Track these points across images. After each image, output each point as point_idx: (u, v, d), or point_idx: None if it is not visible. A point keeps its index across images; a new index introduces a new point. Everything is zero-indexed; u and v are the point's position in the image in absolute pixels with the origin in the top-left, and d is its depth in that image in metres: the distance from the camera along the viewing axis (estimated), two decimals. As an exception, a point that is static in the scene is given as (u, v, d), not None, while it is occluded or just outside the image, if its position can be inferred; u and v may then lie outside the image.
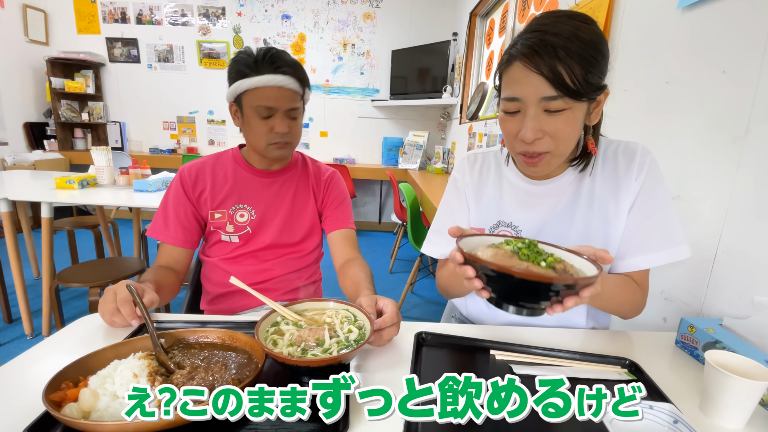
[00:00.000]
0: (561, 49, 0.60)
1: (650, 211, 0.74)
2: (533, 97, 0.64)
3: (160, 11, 4.23)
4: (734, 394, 0.54)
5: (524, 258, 0.55)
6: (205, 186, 1.03)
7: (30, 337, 2.06)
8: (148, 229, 1.04)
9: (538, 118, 0.65)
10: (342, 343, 0.61)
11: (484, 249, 0.59)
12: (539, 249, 0.57)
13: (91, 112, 4.33)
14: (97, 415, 0.48)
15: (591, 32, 0.63)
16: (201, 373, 0.57)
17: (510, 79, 0.67)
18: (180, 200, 1.02)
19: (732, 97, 0.87)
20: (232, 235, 1.04)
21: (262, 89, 0.91)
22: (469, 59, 3.58)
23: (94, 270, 1.80)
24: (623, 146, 0.77)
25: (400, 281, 3.14)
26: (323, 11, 4.27)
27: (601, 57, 0.64)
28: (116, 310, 0.70)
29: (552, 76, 0.61)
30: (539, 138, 0.67)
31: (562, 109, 0.64)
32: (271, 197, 1.06)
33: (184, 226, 1.02)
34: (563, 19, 0.63)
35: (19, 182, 2.29)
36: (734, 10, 0.89)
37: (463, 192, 0.89)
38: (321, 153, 4.60)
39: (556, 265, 0.54)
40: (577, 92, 0.62)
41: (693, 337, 0.74)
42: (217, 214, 1.03)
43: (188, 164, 1.05)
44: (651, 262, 0.74)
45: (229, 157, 1.07)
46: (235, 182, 1.04)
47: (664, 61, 1.09)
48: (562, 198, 0.79)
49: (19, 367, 0.62)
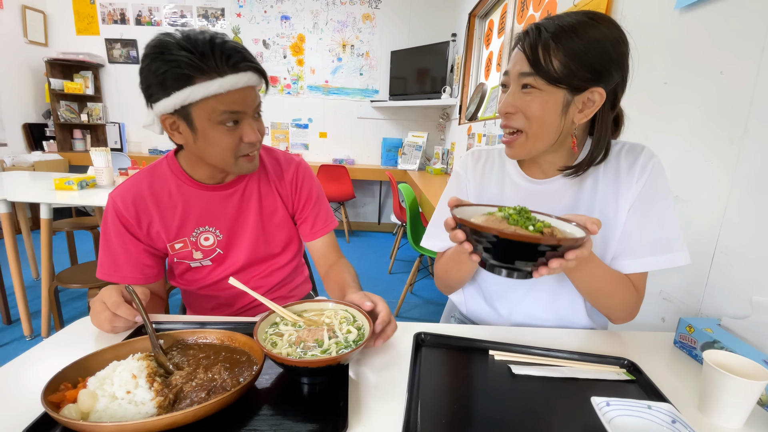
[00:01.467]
0: (549, 34, 0.64)
1: (649, 214, 0.73)
2: (514, 72, 0.70)
3: (160, 12, 4.23)
4: (733, 394, 0.54)
5: (513, 223, 0.57)
6: (151, 218, 0.84)
7: (29, 338, 2.06)
8: (97, 272, 0.85)
9: (514, 94, 0.70)
10: (341, 344, 0.61)
11: (477, 216, 0.62)
12: (529, 215, 0.59)
13: (91, 113, 4.33)
14: (96, 416, 0.48)
15: (596, 30, 0.64)
16: (200, 374, 0.57)
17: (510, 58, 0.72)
18: (124, 239, 0.84)
19: (730, 98, 0.87)
20: (203, 260, 0.91)
21: (225, 94, 0.70)
22: (468, 60, 3.59)
23: (93, 271, 1.79)
24: (627, 147, 0.76)
25: (399, 282, 3.14)
26: (322, 12, 4.27)
27: (596, 54, 0.64)
28: (113, 316, 0.68)
29: (530, 53, 0.66)
30: (511, 113, 0.71)
31: (534, 87, 0.68)
32: (233, 212, 0.90)
33: (137, 263, 0.86)
34: (576, 15, 0.66)
35: (18, 183, 2.29)
36: (732, 10, 0.89)
37: (464, 188, 0.89)
38: (320, 154, 4.60)
39: (544, 230, 0.55)
40: (548, 74, 0.65)
41: (691, 337, 0.74)
42: (178, 245, 0.87)
43: (118, 193, 0.83)
44: (645, 265, 0.73)
45: (165, 172, 0.86)
46: (186, 203, 0.86)
47: (662, 62, 1.09)
48: (563, 198, 0.79)
49: (18, 369, 0.62)
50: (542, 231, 0.55)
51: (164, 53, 0.69)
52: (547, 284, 0.82)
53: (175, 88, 0.69)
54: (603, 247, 0.77)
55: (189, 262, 0.91)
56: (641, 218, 0.74)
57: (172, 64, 0.68)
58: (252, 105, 0.76)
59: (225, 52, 0.70)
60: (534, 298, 0.84)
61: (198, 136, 0.74)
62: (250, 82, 0.73)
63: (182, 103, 0.70)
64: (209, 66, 0.69)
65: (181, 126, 0.75)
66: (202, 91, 0.69)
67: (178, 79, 0.69)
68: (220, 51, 0.69)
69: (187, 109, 0.71)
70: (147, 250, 0.87)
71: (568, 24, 0.64)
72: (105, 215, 0.84)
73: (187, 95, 0.69)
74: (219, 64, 0.69)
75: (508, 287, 0.86)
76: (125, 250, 0.85)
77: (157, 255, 0.90)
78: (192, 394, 0.53)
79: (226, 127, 0.74)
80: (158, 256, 0.90)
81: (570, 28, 0.64)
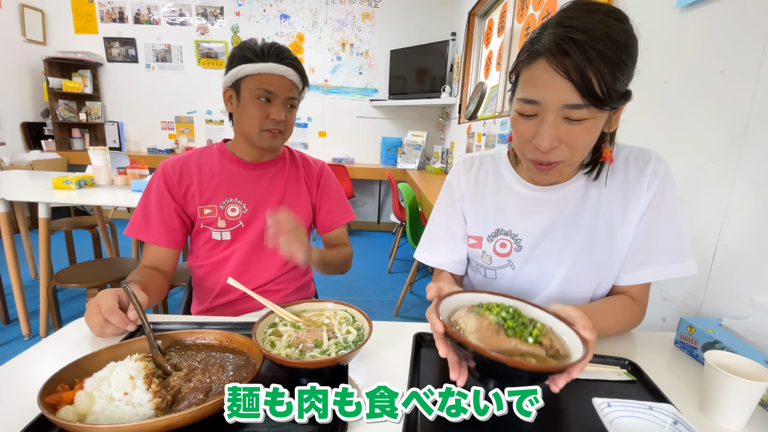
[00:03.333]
0: (592, 50, 0.53)
1: (659, 224, 0.71)
2: (555, 103, 0.58)
3: (158, 11, 4.22)
4: (734, 395, 0.54)
5: (510, 333, 0.53)
6: (191, 181, 0.99)
7: (27, 338, 2.05)
8: (127, 228, 0.97)
9: (557, 125, 0.60)
10: (340, 345, 0.61)
11: (466, 315, 0.57)
12: (525, 321, 0.56)
13: (89, 112, 4.32)
14: (93, 418, 0.48)
15: (624, 32, 0.56)
16: (198, 374, 0.57)
17: (531, 78, 0.60)
18: (163, 198, 0.97)
19: (731, 97, 0.87)
20: (224, 231, 1.01)
21: (265, 75, 0.92)
22: (467, 59, 3.58)
23: (92, 270, 1.79)
24: (636, 152, 0.73)
25: (398, 281, 3.14)
26: (322, 11, 4.26)
27: (631, 62, 0.58)
28: (105, 322, 0.68)
29: (581, 82, 0.55)
30: (555, 147, 0.62)
31: (584, 119, 0.58)
32: (262, 190, 1.04)
33: (167, 224, 0.97)
34: (596, 15, 0.56)
35: (17, 182, 2.28)
36: (733, 9, 0.89)
37: (458, 199, 0.85)
38: (320, 153, 4.60)
39: (542, 339, 0.53)
40: (604, 101, 0.56)
41: (692, 338, 0.74)
42: (207, 210, 1.00)
43: (170, 159, 1.01)
44: (655, 275, 0.72)
45: (214, 151, 1.04)
46: (223, 176, 1.02)
47: (662, 61, 1.09)
48: (567, 206, 0.75)
49: (16, 369, 0.61)
50: (540, 341, 0.53)
51: (241, 45, 0.95)
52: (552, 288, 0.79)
53: (235, 65, 0.93)
54: (609, 257, 0.74)
55: (211, 230, 1.01)
56: (653, 227, 0.71)
57: (240, 51, 0.94)
58: (284, 91, 0.95)
59: (274, 49, 0.94)
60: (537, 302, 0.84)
61: (240, 105, 0.96)
62: (285, 73, 0.94)
63: (237, 75, 0.93)
64: (260, 55, 0.92)
65: (233, 98, 0.97)
66: (249, 69, 0.91)
67: (240, 59, 0.93)
68: (271, 48, 0.93)
69: (238, 83, 0.94)
70: (178, 213, 0.99)
71: (602, 33, 0.54)
72: (151, 179, 1.00)
73: (240, 69, 0.92)
74: (267, 55, 0.93)
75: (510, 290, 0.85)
76: (159, 209, 0.97)
77: (186, 221, 1.01)
78: (190, 396, 0.52)
79: (259, 102, 0.94)
80: (186, 223, 1.01)
81: (607, 37, 0.54)
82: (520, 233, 0.78)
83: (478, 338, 0.53)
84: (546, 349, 0.53)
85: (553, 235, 0.76)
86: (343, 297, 2.65)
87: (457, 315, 0.59)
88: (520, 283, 0.80)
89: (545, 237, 0.77)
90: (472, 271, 0.88)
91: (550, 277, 0.78)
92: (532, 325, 0.55)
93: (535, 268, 0.78)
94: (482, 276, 0.84)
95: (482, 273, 0.84)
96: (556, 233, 0.76)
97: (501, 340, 0.53)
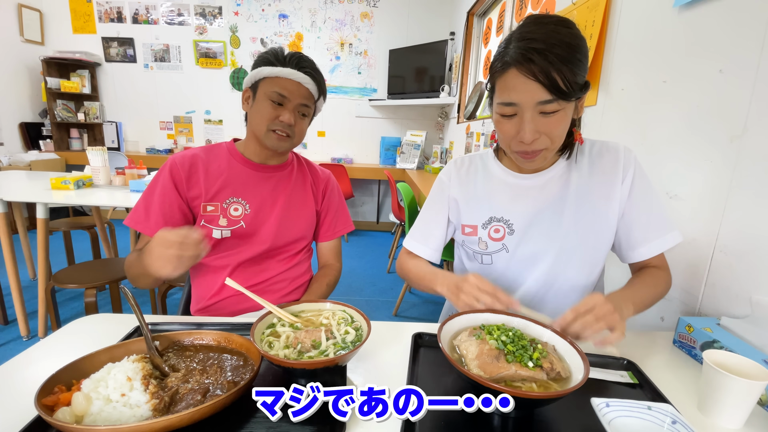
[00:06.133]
0: (552, 55, 0.65)
1: (647, 204, 0.81)
2: (530, 101, 0.69)
3: (157, 11, 4.21)
4: (733, 394, 0.54)
5: (511, 359, 0.56)
6: (198, 177, 1.00)
7: (26, 338, 2.05)
8: (127, 218, 0.98)
9: (535, 120, 0.70)
10: (339, 345, 0.61)
11: (467, 340, 0.61)
12: (525, 343, 0.58)
13: (87, 112, 4.31)
14: (90, 419, 0.47)
15: (574, 36, 0.68)
16: (196, 375, 0.56)
17: (505, 85, 0.71)
18: (167, 191, 0.97)
19: (729, 96, 0.87)
20: (224, 230, 1.01)
21: (282, 79, 0.95)
22: (466, 58, 3.58)
23: (91, 271, 1.79)
24: (605, 146, 0.84)
25: (398, 281, 3.14)
26: (320, 11, 4.26)
27: (584, 58, 0.69)
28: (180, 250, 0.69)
29: (547, 81, 0.66)
30: (537, 138, 0.72)
31: (556, 110, 0.69)
32: (267, 192, 1.05)
33: (166, 218, 0.97)
34: (549, 26, 0.68)
35: (15, 183, 2.28)
36: (731, 8, 0.89)
37: (446, 193, 0.93)
38: (319, 153, 4.59)
39: (543, 363, 0.55)
40: (569, 94, 0.67)
41: (691, 337, 0.74)
42: (210, 207, 1.00)
43: (179, 154, 1.02)
44: (659, 247, 0.80)
45: (223, 149, 1.06)
46: (230, 175, 1.02)
47: (661, 60, 1.09)
48: (552, 190, 0.83)
49: (14, 370, 0.61)
50: (541, 365, 0.55)
51: (267, 50, 0.98)
52: (545, 266, 0.83)
53: (257, 66, 0.97)
54: (594, 234, 0.81)
55: (212, 228, 1.00)
56: (641, 208, 0.81)
57: (265, 54, 0.98)
58: (297, 97, 0.97)
59: (294, 57, 0.97)
60: (538, 301, 0.85)
61: (254, 104, 0.99)
62: (302, 80, 0.96)
63: (256, 77, 0.97)
64: (281, 60, 0.96)
65: (250, 98, 1.01)
66: (267, 71, 0.95)
67: (262, 62, 0.97)
68: (291, 56, 0.97)
69: (257, 84, 0.98)
70: (181, 208, 0.99)
71: (557, 40, 0.66)
72: (159, 172, 1.00)
73: (259, 71, 0.96)
74: (288, 61, 0.96)
75: (509, 289, 0.86)
76: (162, 202, 0.97)
77: (188, 217, 1.01)
78: (188, 397, 0.52)
79: (271, 103, 0.96)
80: (188, 219, 1.01)
81: (561, 42, 0.66)
82: (511, 218, 0.85)
83: (479, 365, 0.55)
84: (547, 372, 0.55)
85: (542, 216, 0.84)
86: (342, 297, 2.65)
87: (458, 339, 0.62)
88: (515, 264, 0.87)
89: (534, 219, 0.84)
90: (468, 260, 0.94)
91: (542, 255, 0.84)
92: (532, 347, 0.58)
93: (528, 249, 0.85)
94: (479, 263, 0.90)
95: (479, 260, 0.90)
96: (544, 214, 0.83)
97: (501, 367, 0.55)
